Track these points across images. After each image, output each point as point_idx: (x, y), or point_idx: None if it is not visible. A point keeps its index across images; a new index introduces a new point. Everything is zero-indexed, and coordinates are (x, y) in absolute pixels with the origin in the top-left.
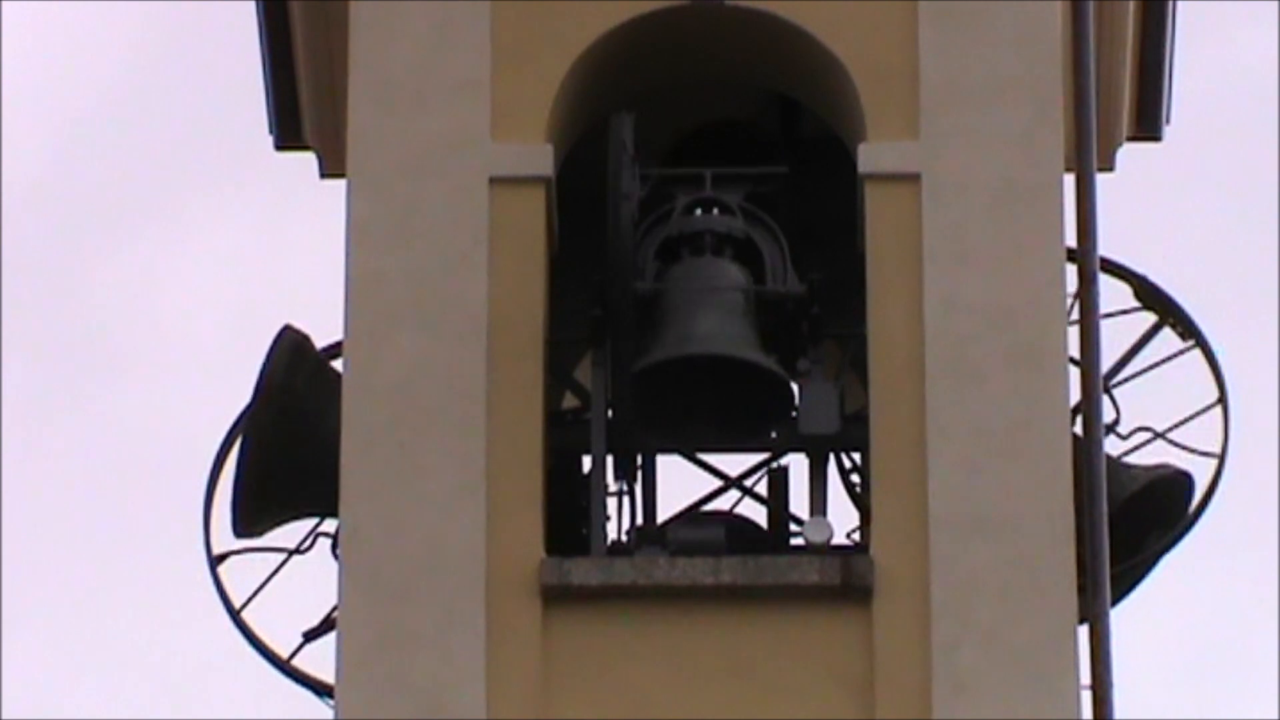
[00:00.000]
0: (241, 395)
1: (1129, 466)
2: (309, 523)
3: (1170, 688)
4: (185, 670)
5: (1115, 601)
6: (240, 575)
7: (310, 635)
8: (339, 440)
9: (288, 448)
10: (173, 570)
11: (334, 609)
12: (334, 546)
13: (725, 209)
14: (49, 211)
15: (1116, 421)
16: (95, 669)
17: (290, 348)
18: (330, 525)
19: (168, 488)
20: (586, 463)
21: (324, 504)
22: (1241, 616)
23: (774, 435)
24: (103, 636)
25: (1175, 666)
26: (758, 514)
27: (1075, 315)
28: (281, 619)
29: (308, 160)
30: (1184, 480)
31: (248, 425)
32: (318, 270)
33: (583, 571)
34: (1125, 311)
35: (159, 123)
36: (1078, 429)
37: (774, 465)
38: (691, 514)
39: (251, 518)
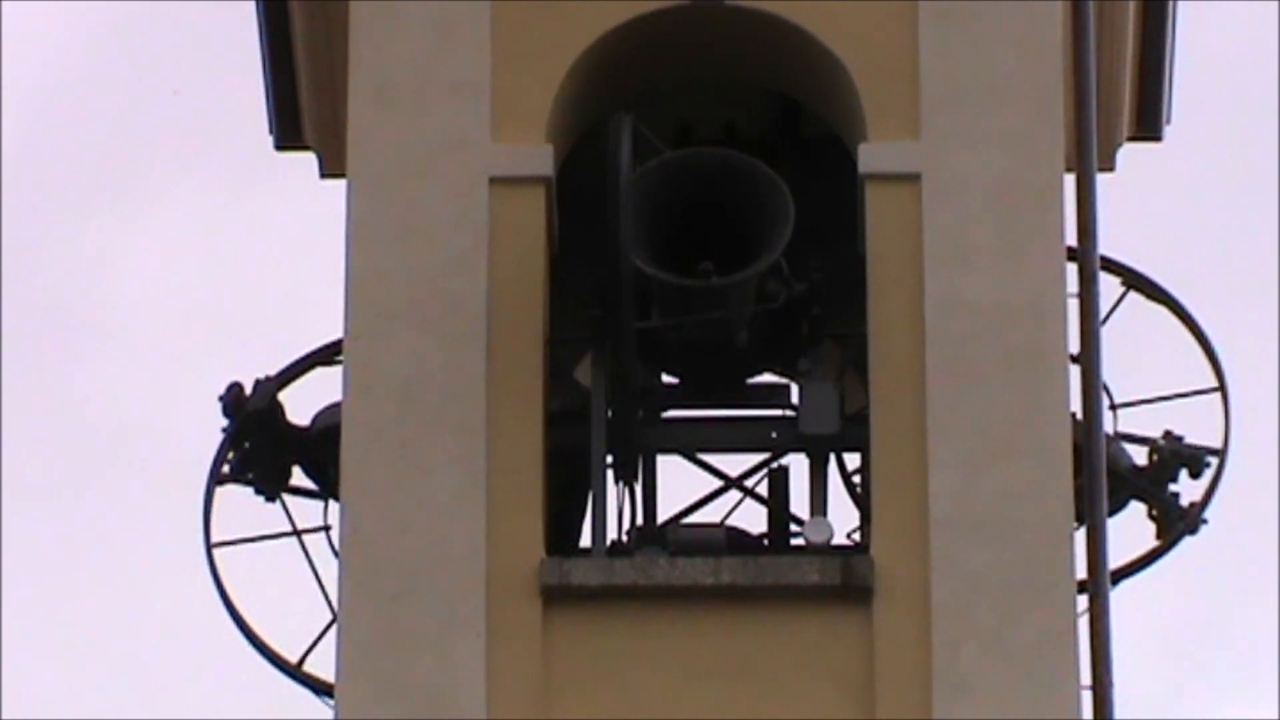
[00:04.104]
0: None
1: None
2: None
3: (1171, 687)
4: (185, 670)
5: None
6: (239, 570)
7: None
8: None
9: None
10: (172, 570)
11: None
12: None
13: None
14: (43, 209)
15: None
16: (95, 669)
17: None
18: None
19: (167, 485)
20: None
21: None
22: (1241, 616)
23: (774, 435)
24: (103, 636)
25: (1175, 666)
26: (758, 515)
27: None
28: (281, 618)
29: (308, 160)
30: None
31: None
32: (318, 270)
33: (583, 571)
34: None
35: (160, 122)
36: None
37: (774, 465)
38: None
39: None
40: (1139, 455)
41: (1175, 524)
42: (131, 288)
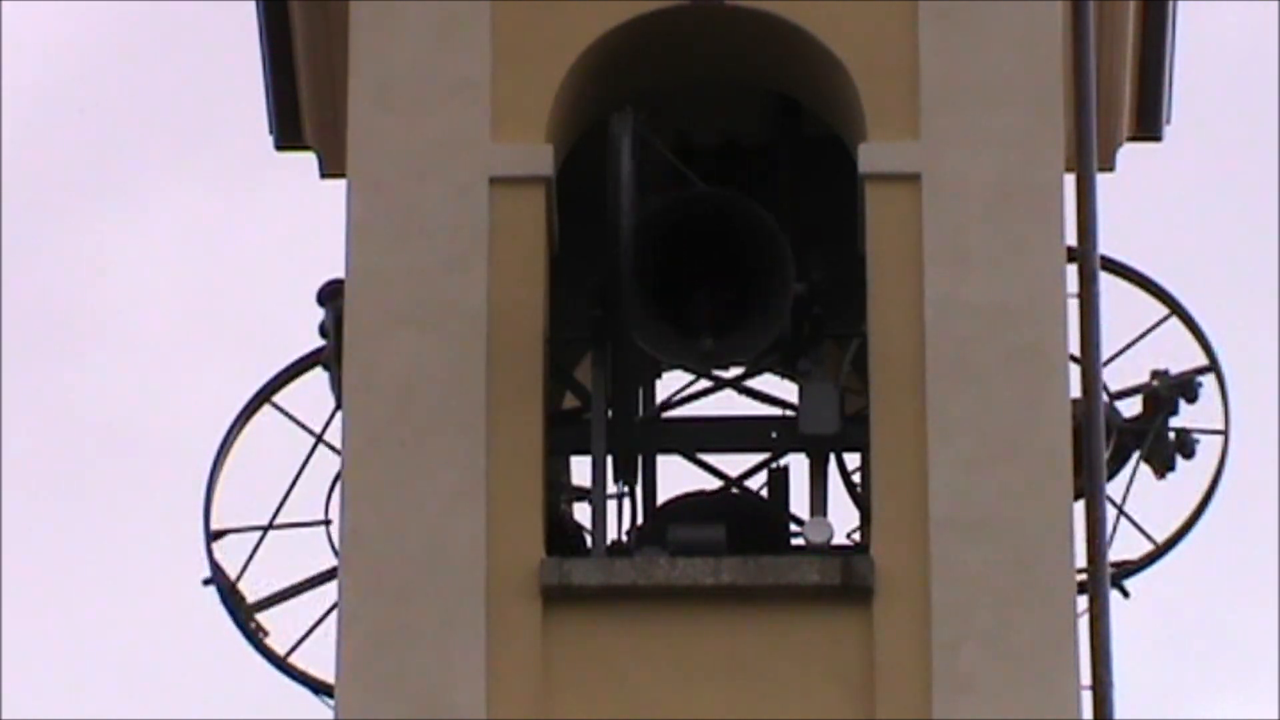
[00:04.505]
0: (234, 394)
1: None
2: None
3: (1171, 687)
4: (185, 670)
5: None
6: (236, 560)
7: (274, 599)
8: None
9: None
10: (172, 569)
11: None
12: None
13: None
14: (43, 208)
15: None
16: (95, 669)
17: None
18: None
19: (164, 483)
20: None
21: None
22: (1241, 616)
23: (774, 435)
24: (103, 636)
25: (1175, 666)
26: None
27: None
28: (280, 619)
29: (308, 160)
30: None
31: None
32: (318, 270)
33: (583, 571)
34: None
35: (160, 122)
36: None
37: (774, 465)
38: (695, 500)
39: None
40: (1135, 408)
41: (1171, 455)
42: (131, 288)
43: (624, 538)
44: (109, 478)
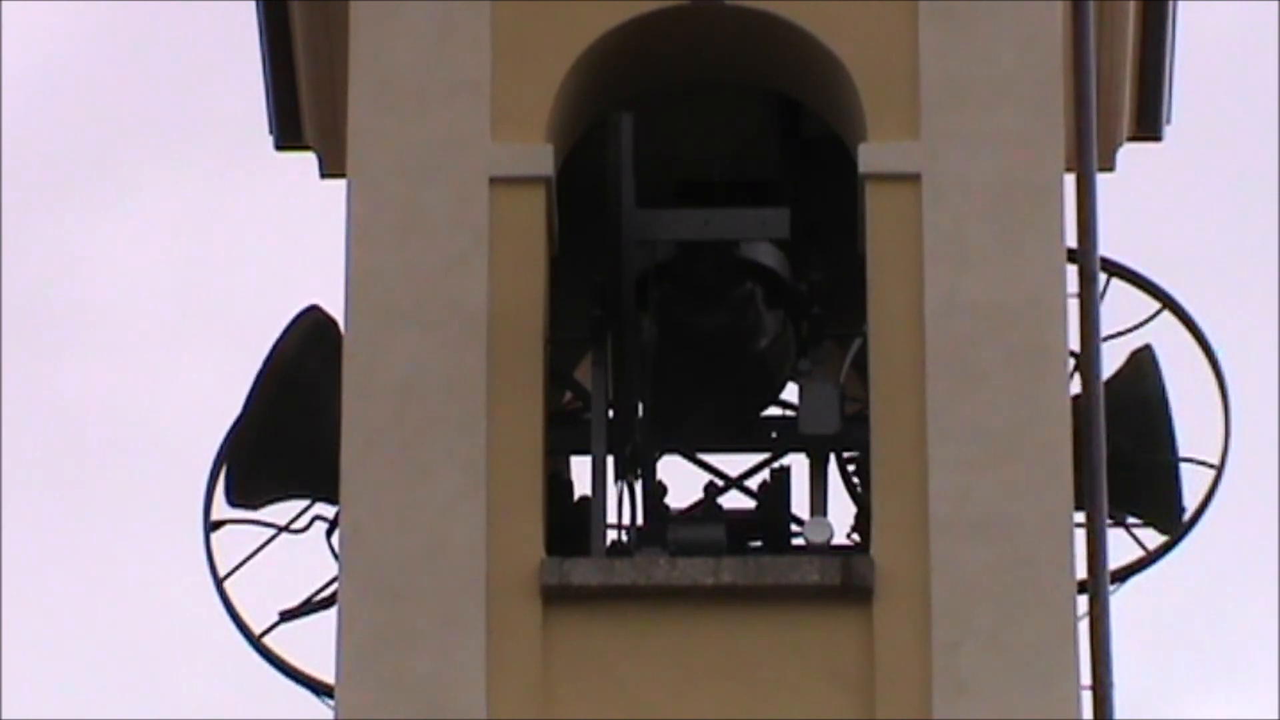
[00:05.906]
0: (230, 393)
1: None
2: (302, 502)
3: (1171, 687)
4: (183, 669)
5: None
6: (233, 556)
7: (287, 615)
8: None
9: (292, 423)
10: (170, 566)
11: (317, 592)
12: (329, 532)
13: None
14: (41, 207)
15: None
16: (95, 669)
17: (310, 326)
18: (326, 509)
19: (163, 482)
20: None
21: (321, 487)
22: (1241, 616)
23: (774, 435)
24: (102, 635)
25: (1175, 666)
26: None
27: (1075, 315)
28: (270, 601)
29: (308, 160)
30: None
31: (252, 395)
32: (317, 270)
33: (583, 571)
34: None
35: (161, 122)
36: None
37: (774, 465)
38: (693, 514)
39: (249, 488)
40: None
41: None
42: (131, 289)
43: (624, 538)
44: (104, 475)
